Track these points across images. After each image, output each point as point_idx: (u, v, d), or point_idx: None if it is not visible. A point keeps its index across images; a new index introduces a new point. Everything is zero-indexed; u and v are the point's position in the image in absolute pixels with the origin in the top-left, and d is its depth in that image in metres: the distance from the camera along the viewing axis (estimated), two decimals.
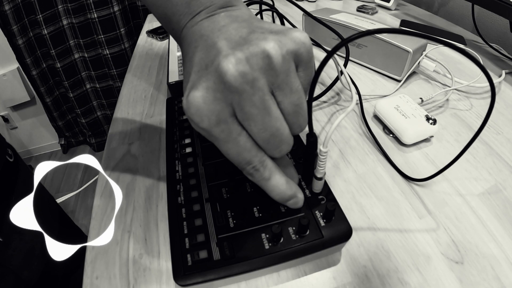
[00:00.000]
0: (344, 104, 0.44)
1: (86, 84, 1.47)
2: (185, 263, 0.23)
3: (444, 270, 0.25)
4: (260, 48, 0.19)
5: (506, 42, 0.62)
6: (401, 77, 0.46)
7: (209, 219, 0.25)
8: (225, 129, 0.20)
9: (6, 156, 0.48)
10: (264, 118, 0.20)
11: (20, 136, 1.63)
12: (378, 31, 0.19)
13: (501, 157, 0.35)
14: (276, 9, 0.54)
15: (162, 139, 0.40)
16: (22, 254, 0.45)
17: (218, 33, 0.20)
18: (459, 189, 0.32)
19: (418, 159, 0.35)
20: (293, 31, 0.20)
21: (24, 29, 1.23)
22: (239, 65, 0.18)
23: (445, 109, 0.42)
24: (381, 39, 0.47)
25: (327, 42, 0.56)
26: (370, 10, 0.72)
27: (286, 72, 0.20)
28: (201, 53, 0.21)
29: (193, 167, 0.30)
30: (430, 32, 0.61)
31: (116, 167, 0.37)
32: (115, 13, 1.23)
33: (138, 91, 0.50)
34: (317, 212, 0.25)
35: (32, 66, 1.31)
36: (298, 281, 0.26)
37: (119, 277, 0.26)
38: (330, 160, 0.36)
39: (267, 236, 0.24)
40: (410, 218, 0.29)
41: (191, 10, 0.23)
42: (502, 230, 0.28)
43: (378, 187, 0.32)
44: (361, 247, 0.27)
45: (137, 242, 0.29)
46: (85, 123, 1.56)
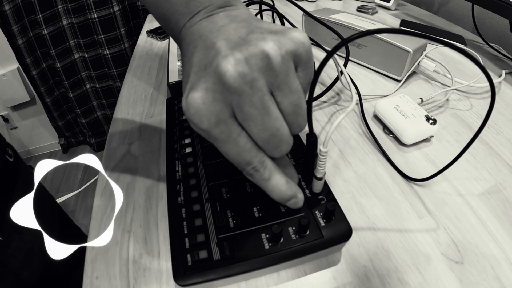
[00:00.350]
0: (344, 104, 0.44)
1: (86, 84, 1.47)
2: (185, 263, 0.23)
3: (444, 270, 0.25)
4: (259, 48, 0.19)
5: (506, 42, 0.62)
6: (401, 77, 0.46)
7: (209, 219, 0.25)
8: (225, 129, 0.20)
9: (6, 156, 0.48)
10: (264, 119, 0.20)
11: (20, 136, 1.63)
12: (378, 31, 0.19)
13: (501, 157, 0.35)
14: (276, 9, 0.54)
15: (162, 139, 0.40)
16: (22, 253, 0.45)
17: (217, 33, 0.20)
18: (459, 189, 0.32)
19: (418, 159, 0.35)
20: (292, 31, 0.20)
21: (24, 29, 1.23)
22: (238, 65, 0.18)
23: (445, 109, 0.42)
24: (381, 39, 0.47)
25: (327, 42, 0.56)
26: (370, 10, 0.72)
27: (285, 72, 0.20)
28: (200, 53, 0.21)
29: (193, 167, 0.30)
30: (430, 32, 0.61)
31: (116, 167, 0.37)
32: (115, 13, 1.23)
33: (138, 91, 0.50)
34: (317, 212, 0.25)
35: (32, 66, 1.31)
36: (298, 281, 0.26)
37: (119, 277, 0.26)
38: (330, 160, 0.36)
39: (267, 236, 0.24)
40: (410, 218, 0.29)
41: (190, 10, 0.23)
42: (502, 230, 0.28)
43: (378, 187, 0.32)
44: (361, 247, 0.27)
45: (137, 242, 0.29)
46: (85, 123, 1.56)
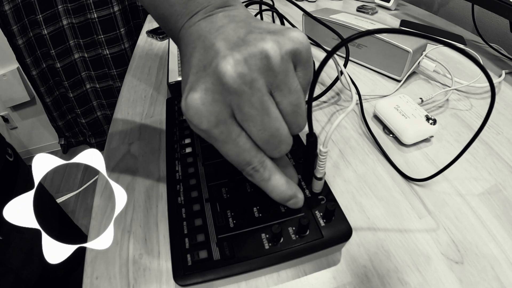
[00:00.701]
0: (344, 104, 0.44)
1: (86, 84, 1.47)
2: (185, 263, 0.23)
3: (444, 270, 0.25)
4: (258, 48, 0.19)
5: (506, 42, 0.62)
6: (401, 77, 0.46)
7: (209, 219, 0.25)
8: (224, 130, 0.20)
9: (6, 156, 0.48)
10: (263, 119, 0.20)
11: (20, 136, 1.63)
12: (378, 31, 0.19)
13: (501, 157, 0.35)
14: (276, 9, 0.54)
15: (162, 139, 0.40)
16: (22, 253, 0.45)
17: (216, 34, 0.20)
18: (459, 189, 0.32)
19: (418, 159, 0.35)
20: (291, 31, 0.20)
21: (24, 29, 1.23)
22: (237, 66, 0.18)
23: (445, 109, 0.42)
24: (381, 39, 0.47)
25: (327, 42, 0.56)
26: (370, 10, 0.72)
27: (285, 72, 0.20)
28: (199, 54, 0.21)
29: (193, 167, 0.30)
30: (430, 32, 0.61)
31: (116, 167, 0.37)
32: (115, 13, 1.23)
33: (138, 91, 0.50)
34: (317, 212, 0.25)
35: (32, 66, 1.31)
36: (298, 281, 0.26)
37: (119, 277, 0.26)
38: (330, 160, 0.36)
39: (267, 236, 0.24)
40: (410, 218, 0.29)
41: (189, 10, 0.22)
42: (502, 230, 0.28)
43: (378, 187, 0.32)
44: (361, 247, 0.27)
45: (137, 242, 0.29)
46: (85, 123, 1.56)
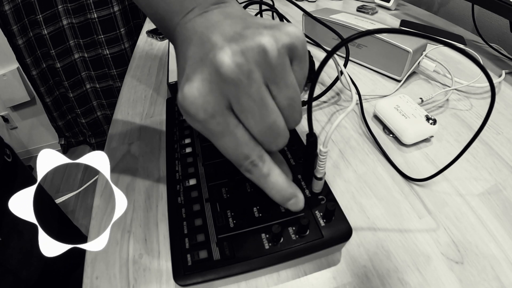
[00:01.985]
0: (344, 104, 0.44)
1: (86, 84, 1.47)
2: (185, 263, 0.23)
3: (444, 270, 0.25)
4: (255, 42, 0.19)
5: (506, 42, 0.62)
6: (401, 77, 0.46)
7: (209, 219, 0.25)
8: (222, 121, 0.20)
9: (4, 156, 0.48)
10: (261, 110, 0.20)
11: (20, 136, 1.63)
12: (378, 31, 0.19)
13: (501, 157, 0.35)
14: (276, 9, 0.54)
15: (162, 139, 0.40)
16: (21, 253, 0.45)
17: (212, 29, 0.20)
18: (459, 189, 0.32)
19: (418, 159, 0.35)
20: (286, 26, 0.20)
21: (24, 29, 1.23)
22: (235, 56, 0.18)
23: (445, 109, 0.42)
24: (381, 39, 0.47)
25: (327, 42, 0.56)
26: (370, 10, 0.72)
27: (282, 66, 0.20)
28: (195, 47, 0.20)
29: (193, 167, 0.30)
30: (430, 32, 0.61)
31: (116, 167, 0.37)
32: (115, 13, 1.23)
33: (138, 91, 0.50)
34: (317, 212, 0.25)
35: (32, 66, 1.31)
36: (298, 281, 0.25)
37: (119, 277, 0.26)
38: (330, 160, 0.36)
39: (267, 236, 0.24)
40: (410, 218, 0.29)
41: (184, 7, 0.22)
42: (502, 230, 0.28)
43: (378, 187, 0.32)
44: (361, 247, 0.27)
45: (137, 242, 0.29)
46: (85, 123, 1.56)
